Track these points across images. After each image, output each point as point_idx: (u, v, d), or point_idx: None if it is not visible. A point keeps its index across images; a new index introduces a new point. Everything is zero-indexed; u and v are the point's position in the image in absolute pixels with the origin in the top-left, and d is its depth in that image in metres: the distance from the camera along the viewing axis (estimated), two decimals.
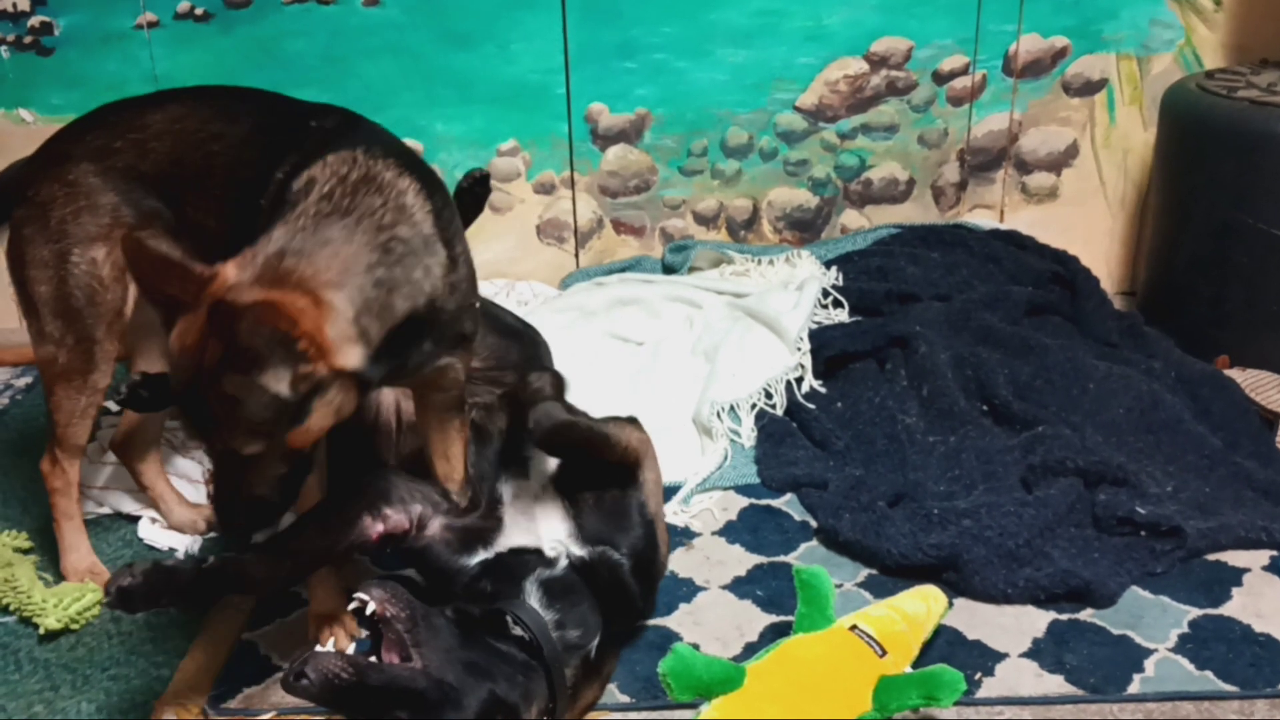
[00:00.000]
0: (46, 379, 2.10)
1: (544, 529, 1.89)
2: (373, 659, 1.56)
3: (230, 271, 1.50)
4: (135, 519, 2.37)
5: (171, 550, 2.27)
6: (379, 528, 1.84)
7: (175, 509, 2.35)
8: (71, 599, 2.06)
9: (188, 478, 2.46)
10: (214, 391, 1.45)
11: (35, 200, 2.04)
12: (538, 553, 1.86)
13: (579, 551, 1.84)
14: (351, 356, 1.50)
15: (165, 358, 1.95)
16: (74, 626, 2.06)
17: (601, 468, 1.88)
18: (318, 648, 1.53)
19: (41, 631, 2.03)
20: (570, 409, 1.92)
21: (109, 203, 2.01)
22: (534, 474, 1.95)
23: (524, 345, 2.37)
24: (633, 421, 1.98)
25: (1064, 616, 1.99)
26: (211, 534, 2.31)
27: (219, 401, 1.46)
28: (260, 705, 1.85)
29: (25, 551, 2.26)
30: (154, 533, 2.32)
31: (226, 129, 1.97)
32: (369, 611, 1.58)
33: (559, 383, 2.13)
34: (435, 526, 1.89)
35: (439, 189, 1.75)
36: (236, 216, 1.88)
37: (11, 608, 2.07)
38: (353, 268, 1.54)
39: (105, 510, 2.41)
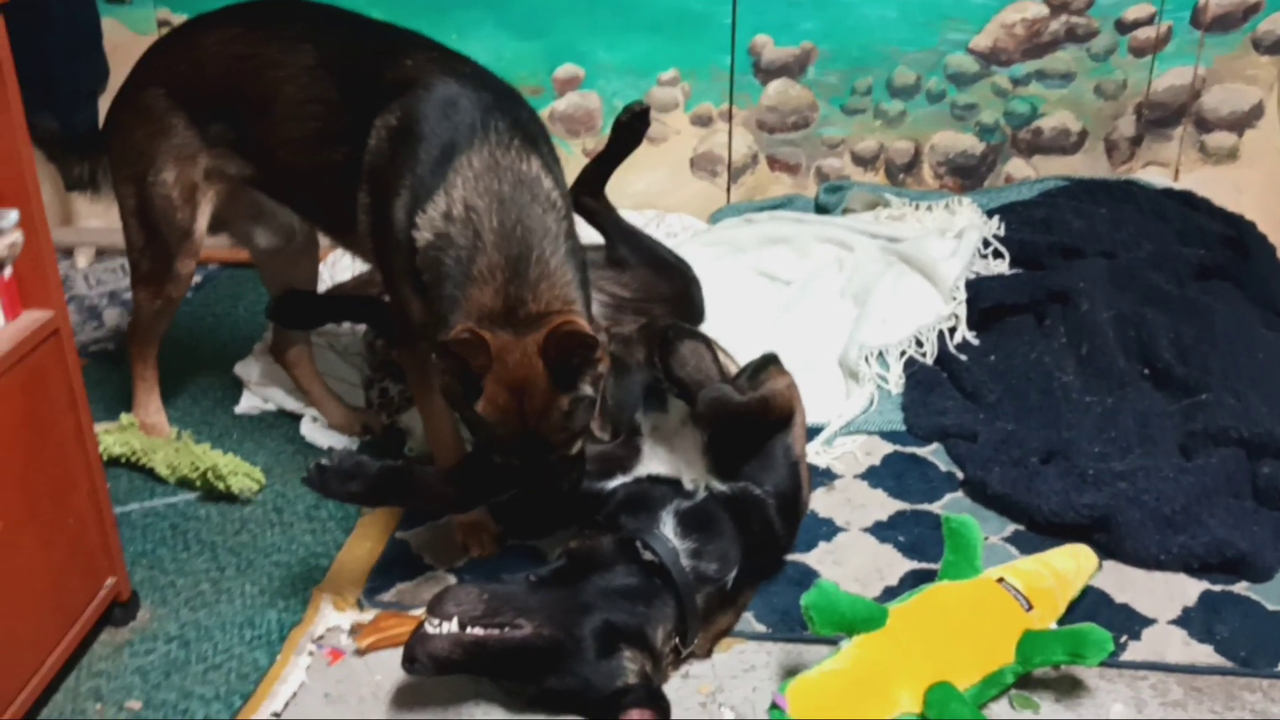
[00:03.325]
0: (132, 280, 2.28)
1: (682, 462, 1.91)
2: (478, 631, 1.60)
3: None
4: (298, 418, 2.47)
5: (331, 449, 2.35)
6: None
7: (334, 411, 2.44)
8: (246, 468, 2.20)
9: (348, 381, 2.55)
10: (548, 420, 1.69)
11: (119, 122, 2.19)
12: (676, 484, 1.89)
13: (720, 486, 1.86)
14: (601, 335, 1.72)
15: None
16: (252, 489, 2.19)
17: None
18: (426, 628, 1.57)
19: (234, 490, 2.18)
20: (715, 359, 1.93)
21: (177, 125, 2.12)
22: (673, 408, 1.97)
23: (674, 279, 2.38)
24: (776, 363, 1.98)
25: (1217, 587, 1.94)
26: (368, 438, 2.40)
27: (554, 423, 1.70)
28: (412, 601, 1.93)
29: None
30: (315, 431, 2.42)
31: (283, 57, 2.02)
32: (447, 630, 1.59)
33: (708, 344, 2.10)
34: None
35: (540, 138, 1.87)
36: (316, 151, 1.98)
37: (195, 474, 2.20)
38: (567, 264, 1.75)
39: (270, 407, 2.52)
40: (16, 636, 1.59)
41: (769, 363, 1.98)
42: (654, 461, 1.94)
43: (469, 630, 1.58)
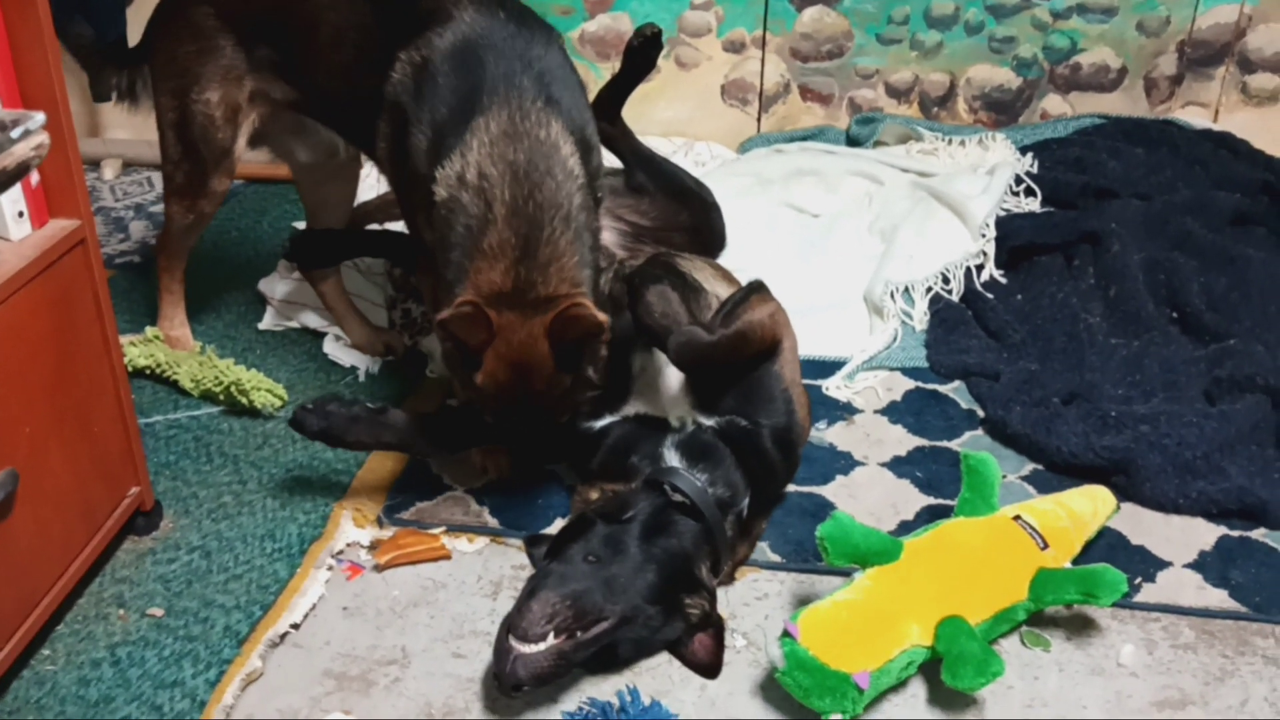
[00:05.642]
0: (165, 192, 2.28)
1: (667, 400, 1.91)
2: (563, 640, 1.56)
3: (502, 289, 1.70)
4: (320, 335, 2.48)
5: (353, 368, 2.38)
6: None
7: (357, 330, 2.45)
8: (269, 384, 2.22)
9: (371, 301, 2.55)
10: (548, 396, 1.74)
11: (166, 34, 2.17)
12: (663, 422, 1.88)
13: (706, 422, 1.85)
14: (605, 317, 1.71)
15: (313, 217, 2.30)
16: (274, 405, 2.21)
17: None
18: (521, 648, 1.52)
19: (257, 405, 2.20)
20: (686, 300, 1.92)
21: (224, 46, 2.11)
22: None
23: (694, 207, 2.36)
24: (761, 291, 1.94)
25: (1234, 533, 1.94)
26: (389, 357, 2.41)
27: (554, 399, 1.75)
28: (431, 520, 1.95)
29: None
30: (337, 350, 2.42)
31: None
32: (545, 646, 1.55)
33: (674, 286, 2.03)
34: None
35: (566, 90, 1.82)
36: (351, 78, 1.97)
37: (219, 389, 2.22)
38: (577, 241, 1.74)
39: (293, 324, 2.53)
40: (42, 541, 1.62)
41: (752, 292, 1.93)
42: (641, 401, 1.93)
43: (565, 639, 1.56)
